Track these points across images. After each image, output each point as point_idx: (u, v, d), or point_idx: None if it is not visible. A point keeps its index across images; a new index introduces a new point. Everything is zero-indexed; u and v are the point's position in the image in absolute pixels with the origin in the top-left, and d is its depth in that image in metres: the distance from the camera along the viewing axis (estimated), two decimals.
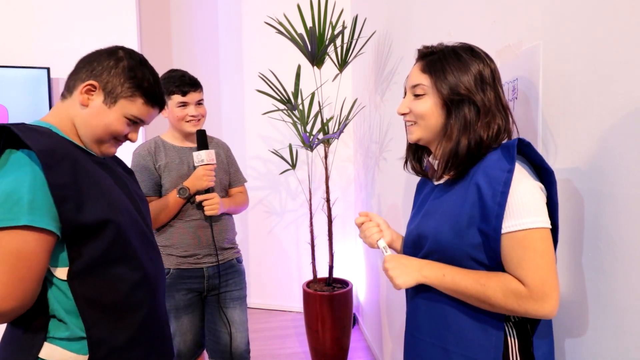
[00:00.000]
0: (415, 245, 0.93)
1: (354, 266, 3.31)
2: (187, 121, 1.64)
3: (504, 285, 0.74)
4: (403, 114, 0.91)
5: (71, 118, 0.92)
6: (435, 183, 0.94)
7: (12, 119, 2.53)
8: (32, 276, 0.76)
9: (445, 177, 0.90)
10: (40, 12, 2.67)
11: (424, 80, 0.86)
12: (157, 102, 0.99)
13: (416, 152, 0.99)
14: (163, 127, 1.90)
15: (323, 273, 3.12)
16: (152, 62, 3.54)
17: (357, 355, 2.68)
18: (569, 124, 0.85)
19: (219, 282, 1.69)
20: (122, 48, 0.96)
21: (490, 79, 0.83)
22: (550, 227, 0.75)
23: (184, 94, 1.62)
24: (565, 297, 0.88)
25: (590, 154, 0.79)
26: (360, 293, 3.14)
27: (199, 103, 1.68)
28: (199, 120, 1.67)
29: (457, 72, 0.82)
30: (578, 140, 0.83)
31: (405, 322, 0.99)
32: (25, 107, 2.54)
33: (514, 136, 0.90)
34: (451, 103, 0.83)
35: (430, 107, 0.85)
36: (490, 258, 0.78)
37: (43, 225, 0.76)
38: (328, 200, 2.52)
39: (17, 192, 0.75)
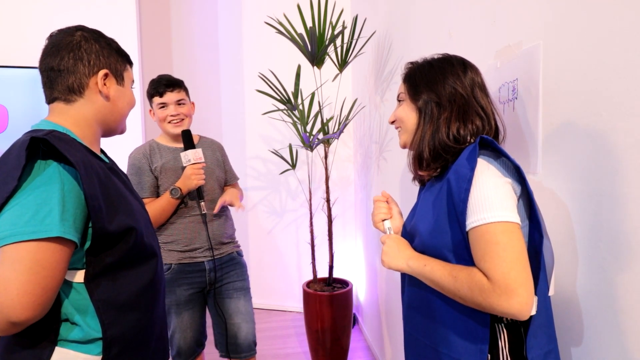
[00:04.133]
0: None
1: (354, 266, 3.31)
2: (169, 122, 1.67)
3: (470, 278, 0.74)
4: (392, 122, 0.98)
5: (89, 118, 0.92)
6: (426, 183, 0.98)
7: (12, 119, 2.53)
8: (53, 285, 0.76)
9: (429, 177, 0.93)
10: (41, 12, 2.67)
11: (402, 88, 0.95)
12: (132, 62, 1.04)
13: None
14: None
15: (323, 273, 3.12)
16: (152, 62, 3.52)
17: (357, 355, 2.68)
18: (568, 124, 0.85)
19: (215, 275, 1.73)
20: (78, 29, 0.93)
21: (463, 82, 0.87)
22: (516, 221, 0.74)
23: (160, 95, 1.66)
24: (565, 296, 0.88)
25: (590, 154, 0.79)
26: (360, 293, 3.14)
27: (180, 103, 1.69)
28: (182, 120, 1.69)
29: (427, 77, 0.89)
30: (578, 140, 0.83)
31: (403, 319, 0.99)
32: (25, 107, 2.54)
33: (503, 135, 0.93)
34: (421, 105, 0.89)
35: (406, 111, 0.92)
36: (470, 254, 0.79)
37: (71, 237, 0.77)
38: (328, 200, 2.52)
39: (48, 204, 0.76)
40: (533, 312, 0.77)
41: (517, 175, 0.79)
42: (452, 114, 0.85)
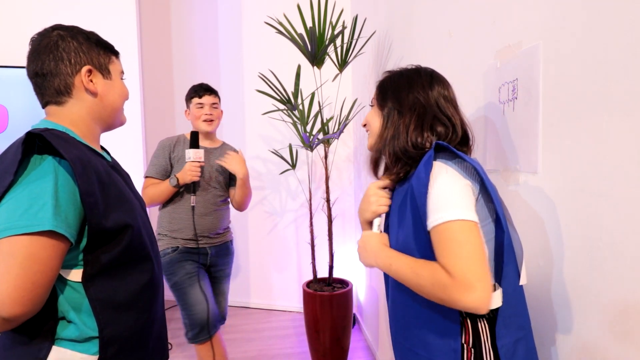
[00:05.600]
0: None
1: (354, 266, 3.31)
2: (203, 120, 1.93)
3: (432, 274, 0.77)
4: (364, 126, 1.03)
5: (83, 117, 0.91)
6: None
7: (12, 119, 2.54)
8: (45, 282, 0.76)
9: (393, 181, 0.96)
10: (41, 13, 2.67)
11: (374, 94, 1.00)
12: (117, 52, 1.00)
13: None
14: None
15: (323, 273, 3.12)
16: (152, 62, 3.52)
17: (357, 355, 2.68)
18: (568, 124, 0.85)
19: (214, 260, 1.98)
20: (55, 28, 0.91)
21: (427, 92, 0.91)
22: (473, 220, 0.77)
23: (200, 96, 1.94)
24: (566, 296, 0.88)
25: (590, 154, 0.79)
26: (360, 293, 3.14)
27: (214, 106, 1.97)
28: (213, 120, 1.96)
29: (394, 86, 0.94)
30: (578, 140, 0.83)
31: (389, 323, 1.01)
32: (25, 107, 2.54)
33: (472, 142, 0.95)
34: (386, 112, 0.94)
35: (373, 116, 0.98)
36: (434, 253, 0.81)
37: (63, 232, 0.77)
38: (328, 200, 2.52)
39: (41, 198, 0.75)
40: (499, 304, 0.81)
41: (477, 175, 0.82)
42: (411, 120, 0.89)
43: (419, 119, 0.89)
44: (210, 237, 1.94)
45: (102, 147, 1.03)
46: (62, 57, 0.88)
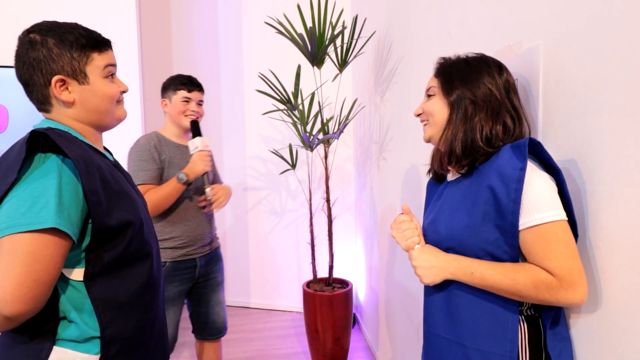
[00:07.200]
0: (432, 242, 0.95)
1: (354, 266, 3.31)
2: (187, 115, 1.79)
3: (534, 277, 0.77)
4: (418, 115, 0.99)
5: (72, 121, 0.91)
6: (448, 180, 0.98)
7: (12, 119, 2.53)
8: (47, 280, 0.76)
9: (456, 174, 0.95)
10: (40, 12, 2.67)
11: (435, 82, 0.95)
12: (103, 43, 0.92)
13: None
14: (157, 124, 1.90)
15: (323, 273, 3.12)
16: (152, 62, 3.50)
17: (357, 355, 2.68)
18: (569, 124, 0.85)
19: (205, 269, 1.84)
20: (30, 31, 0.87)
21: (498, 83, 0.87)
22: (567, 219, 0.78)
23: (189, 90, 1.80)
24: None
25: (590, 154, 0.79)
26: (360, 293, 3.14)
27: (200, 103, 1.85)
28: (197, 118, 1.83)
29: (462, 74, 0.89)
30: (578, 140, 0.83)
31: (423, 318, 1.00)
32: (25, 107, 2.54)
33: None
34: (454, 101, 0.90)
35: (438, 105, 0.92)
36: (506, 253, 0.81)
37: (66, 229, 0.77)
38: (328, 200, 2.52)
39: (44, 196, 0.75)
40: None
41: (556, 179, 0.81)
42: (487, 114, 0.86)
43: (493, 113, 0.86)
44: (202, 246, 1.81)
45: (105, 148, 1.03)
46: (34, 66, 0.85)
